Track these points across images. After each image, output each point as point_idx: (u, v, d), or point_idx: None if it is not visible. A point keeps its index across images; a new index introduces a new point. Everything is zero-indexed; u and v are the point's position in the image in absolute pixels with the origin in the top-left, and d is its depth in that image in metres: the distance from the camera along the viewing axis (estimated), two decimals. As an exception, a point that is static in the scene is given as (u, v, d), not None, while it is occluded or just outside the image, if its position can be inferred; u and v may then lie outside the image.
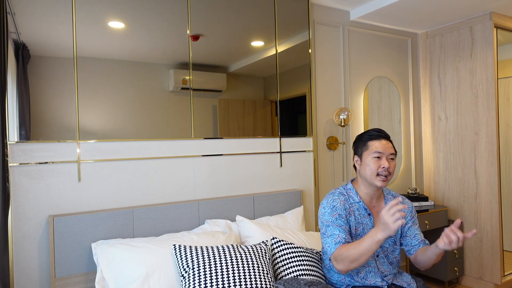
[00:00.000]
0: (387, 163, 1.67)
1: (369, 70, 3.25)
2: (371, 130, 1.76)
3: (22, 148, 1.84)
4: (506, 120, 3.49)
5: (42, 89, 1.89)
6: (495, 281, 3.02)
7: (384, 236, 1.44)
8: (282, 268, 1.89)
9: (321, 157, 2.92)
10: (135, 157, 2.12)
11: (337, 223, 1.67)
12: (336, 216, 1.68)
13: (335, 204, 1.71)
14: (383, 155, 1.68)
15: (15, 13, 1.83)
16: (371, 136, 1.74)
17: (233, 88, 2.47)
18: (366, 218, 1.73)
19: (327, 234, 1.67)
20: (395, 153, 1.72)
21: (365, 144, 1.74)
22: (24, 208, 1.84)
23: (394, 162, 1.72)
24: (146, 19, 2.16)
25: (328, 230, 1.67)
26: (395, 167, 1.72)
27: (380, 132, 1.74)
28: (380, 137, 1.72)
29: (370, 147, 1.71)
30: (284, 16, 2.66)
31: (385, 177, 1.67)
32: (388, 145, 1.71)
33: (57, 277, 1.83)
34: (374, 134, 1.74)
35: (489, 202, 3.05)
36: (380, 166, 1.67)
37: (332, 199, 1.74)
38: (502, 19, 3.05)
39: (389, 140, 1.74)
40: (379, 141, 1.71)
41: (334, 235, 1.64)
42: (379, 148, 1.69)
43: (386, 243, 1.74)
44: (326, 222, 1.69)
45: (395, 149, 1.74)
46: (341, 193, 1.77)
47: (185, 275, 1.69)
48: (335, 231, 1.65)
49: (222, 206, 2.31)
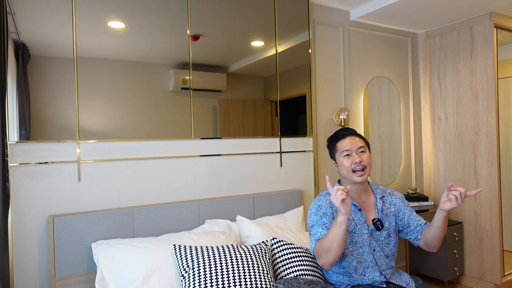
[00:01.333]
0: (358, 157, 1.71)
1: (369, 70, 3.25)
2: (337, 131, 1.84)
3: (22, 148, 1.84)
4: (506, 120, 3.49)
5: (42, 89, 1.89)
6: (495, 281, 3.02)
7: (341, 218, 1.50)
8: (282, 268, 1.89)
9: (321, 157, 2.92)
10: (135, 157, 2.12)
11: (321, 221, 1.70)
12: (321, 214, 1.72)
13: (321, 204, 1.76)
14: (352, 151, 1.73)
15: (15, 13, 1.83)
16: (337, 137, 1.80)
17: (233, 88, 2.47)
18: (357, 214, 1.75)
19: (312, 233, 1.71)
20: (365, 145, 1.76)
21: (335, 146, 1.80)
22: (24, 208, 1.84)
23: (366, 154, 1.75)
24: (146, 19, 2.16)
25: (312, 229, 1.71)
26: (369, 158, 1.75)
27: (344, 131, 1.80)
28: (345, 135, 1.78)
29: (339, 147, 1.77)
30: (284, 16, 2.66)
31: (362, 171, 1.71)
32: (354, 140, 1.75)
33: (57, 277, 1.83)
34: (339, 134, 1.80)
35: (489, 202, 3.05)
36: (352, 162, 1.72)
37: (318, 200, 1.79)
38: (502, 19, 3.05)
39: (356, 135, 1.79)
40: (345, 139, 1.76)
41: (317, 233, 1.68)
42: (347, 145, 1.74)
43: (380, 236, 1.76)
44: (312, 222, 1.73)
45: (366, 141, 1.79)
46: (328, 193, 1.80)
47: (185, 275, 1.69)
48: (317, 229, 1.68)
49: (222, 206, 2.31)
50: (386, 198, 1.83)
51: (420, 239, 1.76)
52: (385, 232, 1.77)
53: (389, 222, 1.79)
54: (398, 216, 1.81)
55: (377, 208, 1.78)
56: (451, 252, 3.11)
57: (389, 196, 1.85)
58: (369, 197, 1.82)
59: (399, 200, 1.84)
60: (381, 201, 1.80)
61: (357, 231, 1.73)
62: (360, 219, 1.74)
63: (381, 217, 1.76)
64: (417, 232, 1.77)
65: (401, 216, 1.80)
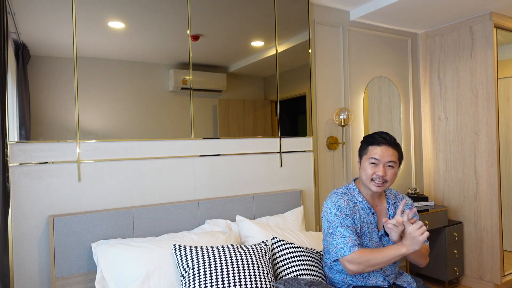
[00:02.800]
0: (383, 171, 1.64)
1: (369, 70, 3.25)
2: (375, 134, 1.72)
3: (22, 148, 1.84)
4: (506, 120, 3.49)
5: (42, 89, 1.89)
6: (495, 281, 3.02)
7: (410, 250, 1.54)
8: (282, 268, 1.89)
9: (321, 157, 2.92)
10: (135, 157, 2.12)
11: (345, 223, 1.66)
12: (343, 216, 1.68)
13: (340, 204, 1.70)
14: (380, 162, 1.66)
15: (15, 13, 1.83)
16: (372, 140, 1.71)
17: (233, 88, 2.47)
18: (370, 217, 1.73)
19: (337, 234, 1.66)
20: (396, 160, 1.68)
21: (366, 148, 1.72)
22: (24, 208, 1.84)
23: (393, 170, 1.67)
24: (146, 19, 2.16)
25: (336, 230, 1.66)
26: (394, 174, 1.68)
27: (383, 138, 1.69)
28: (381, 143, 1.67)
29: (369, 152, 1.70)
30: (284, 16, 2.66)
31: (381, 183, 1.66)
32: (388, 152, 1.66)
33: (57, 277, 1.83)
34: (376, 138, 1.70)
35: (489, 202, 3.05)
36: (375, 173, 1.66)
37: (336, 199, 1.73)
38: (502, 19, 3.05)
39: (392, 147, 1.68)
40: (379, 147, 1.67)
41: (345, 237, 1.64)
42: (377, 154, 1.66)
43: (389, 242, 1.74)
44: (334, 223, 1.68)
45: (400, 155, 1.70)
46: (343, 193, 1.76)
47: (185, 275, 1.69)
48: (345, 233, 1.64)
49: (222, 206, 2.30)
50: (398, 204, 1.81)
51: None
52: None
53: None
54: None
55: (388, 214, 1.77)
56: (451, 252, 3.10)
57: (400, 202, 1.82)
58: (382, 201, 1.80)
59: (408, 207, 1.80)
60: (393, 207, 1.78)
61: (369, 234, 1.72)
62: (373, 223, 1.73)
63: None
64: None
65: None
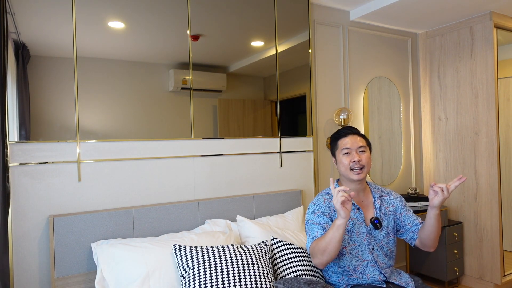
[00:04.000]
0: (357, 156, 1.74)
1: (369, 70, 3.25)
2: (340, 129, 1.85)
3: (22, 148, 1.84)
4: (506, 120, 3.49)
5: (42, 89, 1.89)
6: (495, 281, 3.02)
7: (340, 221, 1.51)
8: (282, 268, 1.89)
9: (321, 157, 2.92)
10: (135, 157, 2.12)
11: (318, 221, 1.72)
12: (318, 214, 1.74)
13: (319, 203, 1.78)
14: (352, 150, 1.76)
15: (15, 13, 1.83)
16: (339, 135, 1.82)
17: (233, 88, 2.47)
18: (355, 213, 1.76)
19: (309, 232, 1.73)
20: (366, 145, 1.78)
21: (336, 144, 1.83)
22: (24, 208, 1.84)
23: (366, 153, 1.77)
24: (146, 19, 2.16)
25: (310, 229, 1.73)
26: (368, 158, 1.77)
27: (347, 129, 1.82)
28: (347, 134, 1.80)
29: (340, 145, 1.80)
30: (284, 16, 2.66)
31: (359, 169, 1.73)
32: (355, 139, 1.78)
33: (57, 277, 1.83)
34: (342, 132, 1.82)
35: (489, 202, 3.05)
36: (351, 160, 1.74)
37: (316, 199, 1.81)
38: (502, 19, 3.05)
39: (358, 135, 1.80)
40: (347, 137, 1.79)
41: (313, 232, 1.70)
42: (348, 144, 1.77)
43: (379, 235, 1.77)
44: (309, 221, 1.75)
45: (367, 141, 1.81)
46: (326, 193, 1.83)
47: (185, 275, 1.69)
48: (314, 229, 1.70)
49: (222, 206, 2.31)
50: (385, 197, 1.84)
51: (416, 239, 1.77)
52: (384, 231, 1.78)
53: (388, 221, 1.80)
54: (396, 215, 1.82)
55: (375, 207, 1.79)
56: (451, 252, 3.11)
57: (387, 195, 1.86)
58: (367, 196, 1.83)
59: (397, 200, 1.85)
60: (379, 200, 1.81)
61: (355, 230, 1.74)
62: (359, 218, 1.75)
63: (380, 216, 1.77)
64: (412, 232, 1.78)
65: (398, 215, 1.82)
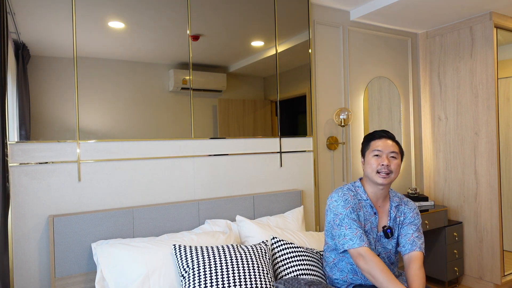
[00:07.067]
0: (387, 161, 1.70)
1: (369, 70, 3.25)
2: (376, 131, 1.82)
3: (22, 148, 1.84)
4: (506, 120, 3.49)
5: (42, 89, 1.89)
6: (495, 281, 3.02)
7: None
8: (282, 268, 1.89)
9: (321, 157, 2.92)
10: (135, 157, 2.12)
11: (351, 216, 1.68)
12: (350, 209, 1.70)
13: (347, 198, 1.73)
14: (383, 153, 1.72)
15: (15, 13, 1.83)
16: (373, 136, 1.79)
17: (233, 88, 2.47)
18: (372, 217, 1.74)
19: (344, 226, 1.67)
20: (398, 152, 1.74)
21: (368, 144, 1.80)
22: (24, 208, 1.84)
23: (396, 160, 1.73)
24: (146, 19, 2.16)
25: (344, 222, 1.68)
26: (398, 166, 1.73)
27: (383, 132, 1.79)
28: (381, 137, 1.77)
29: (372, 146, 1.77)
30: (284, 16, 2.66)
31: (386, 174, 1.70)
32: (388, 143, 1.74)
33: (57, 277, 1.83)
34: (377, 133, 1.79)
35: (489, 202, 3.05)
36: (379, 163, 1.71)
37: (342, 193, 1.76)
38: (502, 19, 3.05)
39: (393, 140, 1.77)
40: (380, 140, 1.76)
41: (353, 229, 1.65)
42: (379, 146, 1.74)
43: (388, 245, 1.76)
44: (341, 215, 1.70)
45: (400, 148, 1.78)
46: (349, 189, 1.79)
47: (185, 275, 1.69)
48: (352, 225, 1.66)
49: (222, 206, 2.30)
50: (401, 207, 1.81)
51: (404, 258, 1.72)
52: (393, 241, 1.77)
53: (398, 231, 1.78)
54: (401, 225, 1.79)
55: (390, 216, 1.77)
56: (451, 252, 3.10)
57: (403, 205, 1.82)
58: (385, 203, 1.81)
59: (410, 211, 1.80)
60: (395, 209, 1.79)
61: (371, 232, 1.73)
62: (374, 222, 1.74)
63: (392, 226, 1.76)
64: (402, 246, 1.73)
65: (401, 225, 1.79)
